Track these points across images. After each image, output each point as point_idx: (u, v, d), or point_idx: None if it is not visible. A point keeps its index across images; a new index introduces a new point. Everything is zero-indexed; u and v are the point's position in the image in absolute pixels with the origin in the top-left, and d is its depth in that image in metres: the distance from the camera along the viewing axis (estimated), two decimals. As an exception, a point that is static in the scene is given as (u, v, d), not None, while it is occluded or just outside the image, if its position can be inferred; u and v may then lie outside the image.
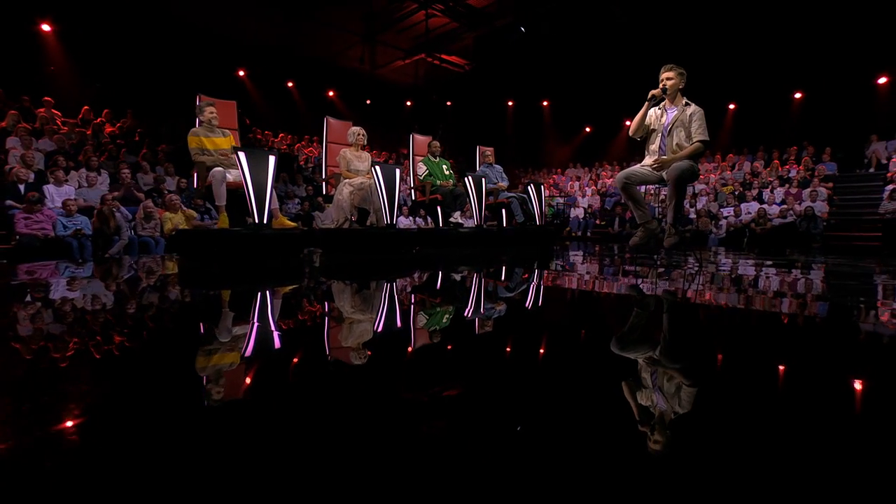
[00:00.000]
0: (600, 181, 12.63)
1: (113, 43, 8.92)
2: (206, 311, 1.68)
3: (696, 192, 9.72)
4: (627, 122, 12.91)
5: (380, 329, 1.32)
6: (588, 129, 14.30)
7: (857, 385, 0.87)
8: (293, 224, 3.92)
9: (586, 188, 12.53)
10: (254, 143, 9.79)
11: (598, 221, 11.22)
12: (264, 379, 0.91)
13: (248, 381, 0.89)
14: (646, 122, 3.20)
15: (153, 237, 5.81)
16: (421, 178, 5.58)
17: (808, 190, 8.31)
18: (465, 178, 5.41)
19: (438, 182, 5.52)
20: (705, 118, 3.06)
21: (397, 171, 4.38)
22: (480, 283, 2.36)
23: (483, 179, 5.59)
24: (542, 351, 1.08)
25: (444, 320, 1.47)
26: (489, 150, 6.58)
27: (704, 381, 0.88)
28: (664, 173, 3.08)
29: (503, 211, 6.37)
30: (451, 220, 5.47)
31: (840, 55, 9.33)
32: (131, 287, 2.34)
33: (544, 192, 6.63)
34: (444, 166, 5.71)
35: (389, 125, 13.08)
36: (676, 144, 3.09)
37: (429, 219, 9.22)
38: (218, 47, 10.38)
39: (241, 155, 3.44)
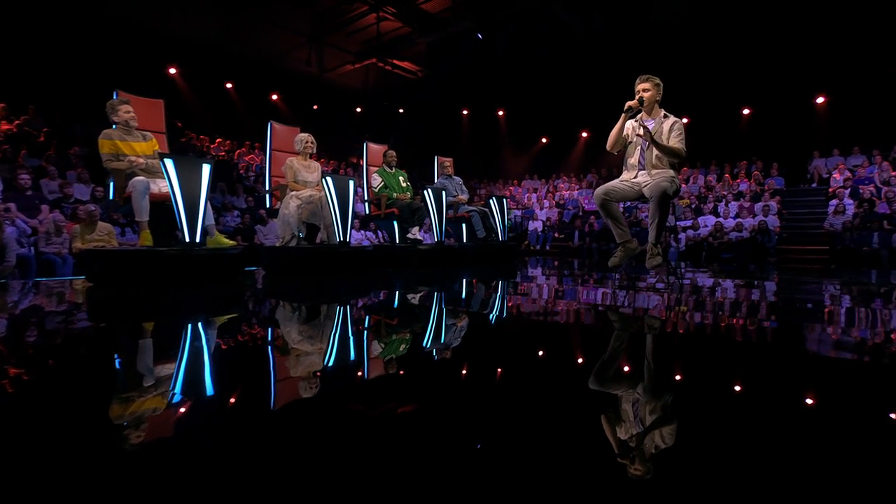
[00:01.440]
0: (558, 193, 12.81)
1: (10, 27, 8.03)
2: (112, 353, 1.33)
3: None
4: (584, 134, 13.36)
5: (336, 389, 1.05)
6: (545, 140, 14.54)
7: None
8: (231, 242, 3.54)
9: (544, 200, 12.66)
10: (186, 148, 9.12)
11: (557, 235, 11.32)
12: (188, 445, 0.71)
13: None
14: (623, 135, 3.12)
15: (60, 255, 5.16)
16: (376, 190, 5.31)
17: (761, 204, 8.75)
18: (425, 191, 5.19)
19: (395, 195, 5.28)
20: (685, 130, 3.03)
21: (351, 184, 4.10)
22: (452, 316, 2.12)
23: (443, 192, 5.41)
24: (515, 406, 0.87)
25: (411, 376, 1.22)
26: (448, 161, 6.42)
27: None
28: (645, 189, 3.00)
29: (464, 226, 6.21)
30: (410, 235, 5.23)
31: (783, 73, 10.01)
32: (9, 324, 1.91)
33: (507, 206, 6.54)
34: (401, 178, 5.47)
35: (338, 132, 12.71)
36: (656, 157, 3.03)
37: (380, 233, 8.94)
38: (146, 40, 9.65)
39: (169, 163, 3.05)
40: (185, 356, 1.38)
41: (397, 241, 5.30)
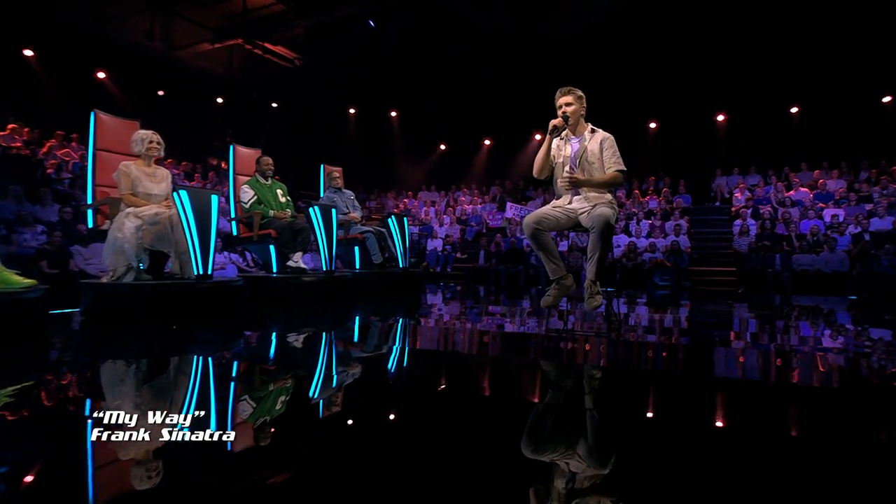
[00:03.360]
0: (459, 207, 12.93)
1: None
2: None
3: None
4: (487, 142, 13.68)
5: None
6: (443, 147, 14.67)
7: None
8: (28, 281, 2.80)
9: (444, 216, 12.68)
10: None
11: (459, 255, 11.34)
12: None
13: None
14: (550, 157, 3.08)
15: None
16: (247, 206, 4.77)
17: (672, 223, 9.56)
18: (310, 209, 4.78)
19: (271, 212, 4.79)
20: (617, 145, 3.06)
21: (214, 200, 3.57)
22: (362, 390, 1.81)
23: (332, 210, 5.03)
24: None
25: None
26: (337, 171, 6.09)
27: None
28: (583, 218, 2.95)
29: (357, 249, 5.89)
30: (291, 263, 4.76)
31: (685, 89, 11.18)
32: None
33: (408, 226, 6.33)
34: (279, 191, 5.00)
35: (193, 127, 11.58)
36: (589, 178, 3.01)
37: (248, 255, 8.23)
38: None
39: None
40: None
41: (274, 270, 4.80)
